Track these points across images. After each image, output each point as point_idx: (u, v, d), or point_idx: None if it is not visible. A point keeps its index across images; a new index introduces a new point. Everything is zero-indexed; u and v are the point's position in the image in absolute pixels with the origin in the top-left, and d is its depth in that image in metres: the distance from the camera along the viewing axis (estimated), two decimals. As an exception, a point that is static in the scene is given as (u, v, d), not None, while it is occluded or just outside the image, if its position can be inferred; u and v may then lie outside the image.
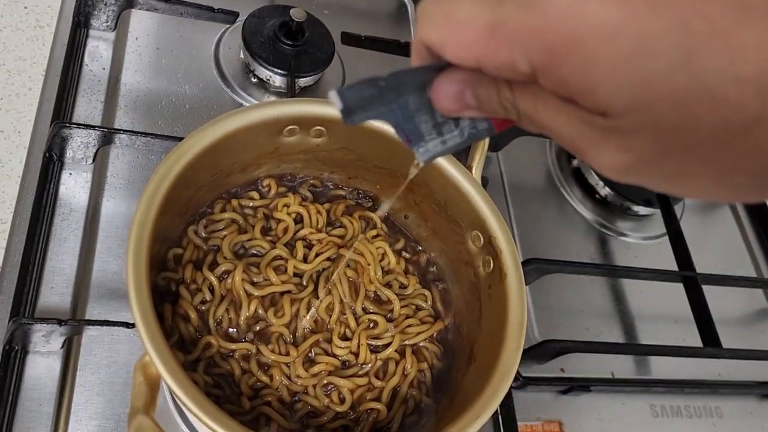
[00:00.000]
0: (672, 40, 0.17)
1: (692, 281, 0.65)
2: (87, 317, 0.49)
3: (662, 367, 0.66)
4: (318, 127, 0.46)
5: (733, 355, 0.62)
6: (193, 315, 0.42)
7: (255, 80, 0.66)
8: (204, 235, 0.46)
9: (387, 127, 0.45)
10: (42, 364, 0.47)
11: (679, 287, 0.69)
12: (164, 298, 0.43)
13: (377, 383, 0.44)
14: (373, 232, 0.50)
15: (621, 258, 0.73)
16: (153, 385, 0.34)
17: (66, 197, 0.53)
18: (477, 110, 0.25)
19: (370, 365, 0.45)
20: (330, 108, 0.45)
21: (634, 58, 0.18)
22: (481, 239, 0.46)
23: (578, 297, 0.68)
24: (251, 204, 0.48)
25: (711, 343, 0.62)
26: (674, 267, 0.70)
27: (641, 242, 0.75)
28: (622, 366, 0.65)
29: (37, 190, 0.52)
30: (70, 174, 0.55)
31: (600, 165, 0.21)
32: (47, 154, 0.53)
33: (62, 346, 0.47)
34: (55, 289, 0.50)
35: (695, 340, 0.66)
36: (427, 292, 0.49)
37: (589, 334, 0.65)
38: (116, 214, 0.54)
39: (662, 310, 0.71)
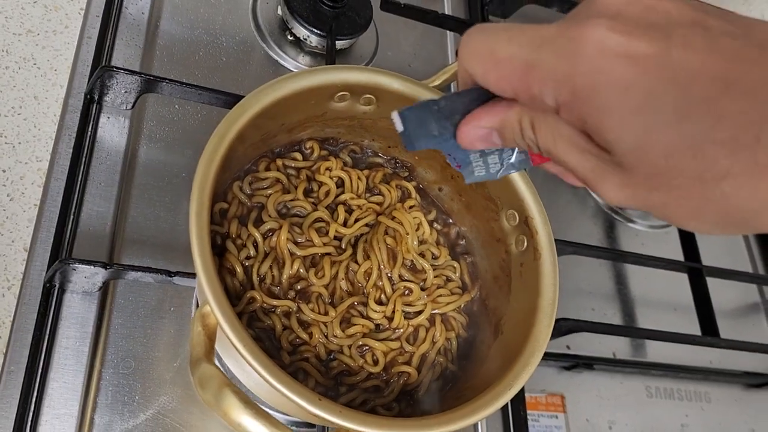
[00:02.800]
0: (670, 102, 0.21)
1: (697, 272, 0.68)
2: (122, 263, 0.49)
3: (659, 352, 0.69)
4: (368, 95, 0.47)
5: (729, 345, 0.65)
6: (239, 269, 0.43)
7: (291, 38, 0.66)
8: (249, 191, 0.47)
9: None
10: (78, 305, 0.48)
11: (681, 276, 0.72)
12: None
13: (408, 348, 0.46)
14: (411, 202, 0.51)
15: (627, 244, 0.76)
16: (211, 335, 0.35)
17: (103, 141, 0.54)
18: (502, 146, 0.30)
19: (402, 330, 0.46)
20: (383, 77, 0.45)
21: (639, 111, 0.22)
22: (517, 218, 0.48)
23: (586, 278, 0.71)
24: (294, 165, 0.49)
25: (710, 333, 0.65)
26: (678, 256, 0.72)
27: (648, 230, 0.77)
28: (622, 347, 0.68)
29: (77, 131, 0.52)
30: (108, 118, 0.55)
31: (605, 195, 0.25)
32: (88, 96, 0.53)
33: (99, 289, 0.48)
34: (93, 231, 0.50)
35: (692, 328, 0.69)
36: (456, 264, 0.51)
37: (595, 314, 0.68)
38: (152, 162, 0.55)
39: (663, 297, 0.74)
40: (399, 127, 0.31)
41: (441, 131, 0.30)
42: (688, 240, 0.71)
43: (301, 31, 0.64)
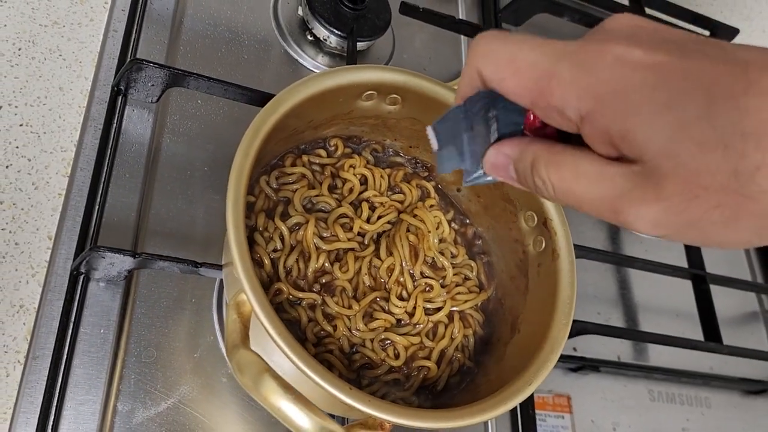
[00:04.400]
0: (697, 98, 0.22)
1: (701, 279, 0.70)
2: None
3: (661, 356, 0.71)
4: (395, 95, 0.48)
5: (732, 352, 0.67)
6: (267, 261, 0.44)
7: (311, 38, 0.67)
8: (275, 186, 0.48)
9: (458, 103, 0.48)
10: (103, 294, 0.48)
11: (684, 283, 0.73)
12: (238, 243, 0.44)
13: (428, 343, 0.47)
14: (431, 201, 0.52)
15: (631, 249, 0.77)
16: (246, 323, 0.36)
17: (128, 133, 0.54)
18: (517, 183, 0.29)
19: (422, 326, 0.47)
20: (411, 78, 0.47)
21: (669, 106, 0.22)
22: (535, 219, 0.49)
23: (592, 283, 0.72)
24: (319, 161, 0.50)
25: (713, 339, 0.66)
26: (682, 263, 0.74)
27: (652, 237, 0.79)
28: (626, 351, 0.69)
29: (104, 122, 0.53)
30: (133, 110, 0.55)
31: (638, 220, 0.24)
32: (115, 88, 0.54)
33: (124, 278, 0.49)
34: (117, 222, 0.51)
35: (693, 334, 0.71)
36: (473, 263, 0.52)
37: (600, 318, 0.69)
38: (175, 156, 0.55)
39: (666, 303, 0.75)
40: (434, 144, 0.31)
41: (465, 146, 0.31)
42: (692, 247, 0.73)
43: (322, 32, 0.65)
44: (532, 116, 0.29)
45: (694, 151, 0.22)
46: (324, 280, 0.46)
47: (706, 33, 0.97)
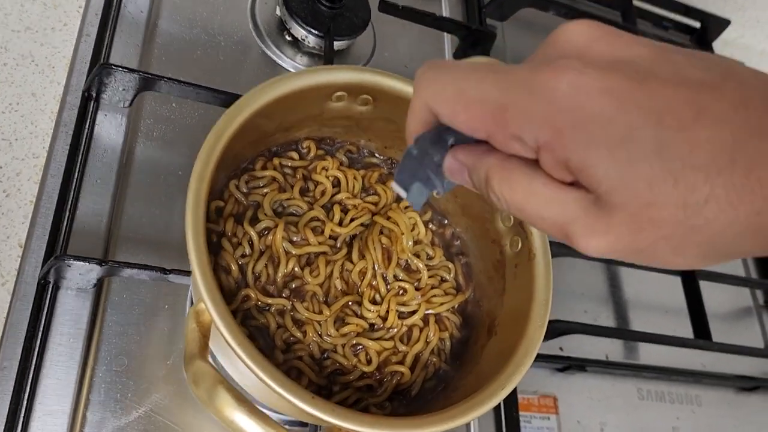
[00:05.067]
0: (649, 132, 0.22)
1: (690, 276, 0.68)
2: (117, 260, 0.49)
3: (651, 354, 0.69)
4: (366, 96, 0.47)
5: (721, 349, 0.66)
6: (234, 267, 0.43)
7: (289, 38, 0.66)
8: (245, 190, 0.47)
9: (431, 102, 0.47)
10: (72, 302, 0.48)
11: (674, 280, 0.72)
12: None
13: (402, 347, 0.46)
14: (406, 203, 0.51)
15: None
16: (205, 332, 0.36)
17: (100, 138, 0.54)
18: (474, 189, 0.29)
19: (396, 330, 0.47)
20: (380, 78, 0.46)
21: (623, 142, 0.22)
22: (511, 219, 0.48)
23: (579, 281, 0.71)
24: (290, 164, 0.49)
25: (702, 336, 0.65)
26: (672, 261, 0.73)
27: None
28: (615, 350, 0.68)
29: (74, 128, 0.52)
30: (105, 116, 0.55)
31: (586, 247, 0.24)
32: (86, 93, 0.53)
33: (94, 286, 0.48)
34: (88, 228, 0.50)
35: (684, 331, 0.69)
36: (450, 265, 0.51)
37: (588, 316, 0.68)
38: (149, 161, 0.55)
39: (655, 300, 0.74)
40: (402, 194, 0.31)
41: (430, 168, 0.30)
42: (681, 244, 0.71)
43: (299, 32, 0.64)
44: None
45: (645, 186, 0.22)
46: (294, 285, 0.45)
47: (697, 24, 0.96)
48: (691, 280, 0.69)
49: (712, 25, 0.94)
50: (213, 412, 0.31)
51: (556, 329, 0.59)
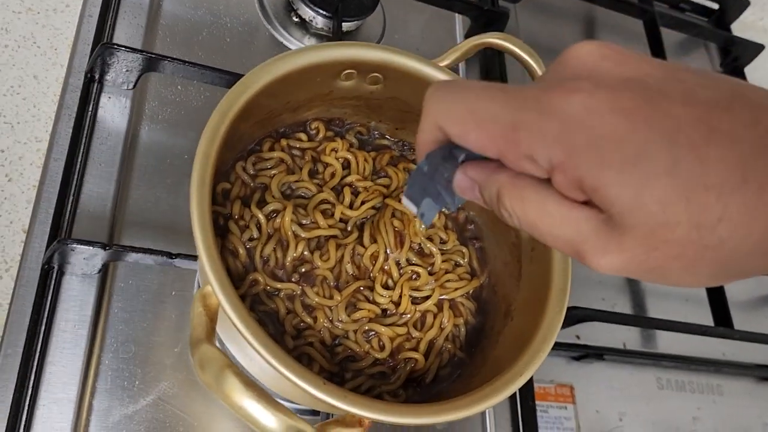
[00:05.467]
0: (662, 152, 0.22)
1: (710, 262, 0.66)
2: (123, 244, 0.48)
3: (670, 343, 0.68)
4: (375, 74, 0.45)
5: (743, 337, 0.64)
6: (241, 251, 0.42)
7: (296, 19, 0.64)
8: (252, 172, 0.46)
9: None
10: (77, 288, 0.47)
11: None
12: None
13: (415, 333, 0.45)
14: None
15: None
16: (212, 316, 0.34)
17: (104, 121, 0.52)
18: (485, 206, 0.29)
19: (409, 315, 0.45)
20: (391, 55, 0.44)
21: (635, 162, 0.22)
22: (528, 202, 0.46)
23: (596, 267, 0.69)
24: (299, 145, 0.48)
25: (723, 324, 0.63)
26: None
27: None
28: (633, 338, 0.66)
29: (77, 110, 0.51)
30: (109, 98, 0.53)
31: (599, 266, 0.24)
32: (88, 75, 0.52)
33: (99, 271, 0.47)
34: (92, 213, 0.49)
35: (703, 319, 0.68)
36: (464, 249, 0.50)
37: (605, 304, 0.67)
38: (154, 143, 0.53)
39: (673, 288, 0.72)
40: (413, 210, 0.32)
41: (440, 183, 0.30)
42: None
43: (307, 12, 0.62)
44: None
45: (657, 206, 0.22)
46: (303, 270, 0.43)
47: (715, 6, 0.93)
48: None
49: (731, 7, 0.91)
50: (221, 398, 0.30)
51: (574, 316, 0.57)
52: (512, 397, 0.56)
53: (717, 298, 0.65)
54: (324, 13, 0.62)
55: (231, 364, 0.31)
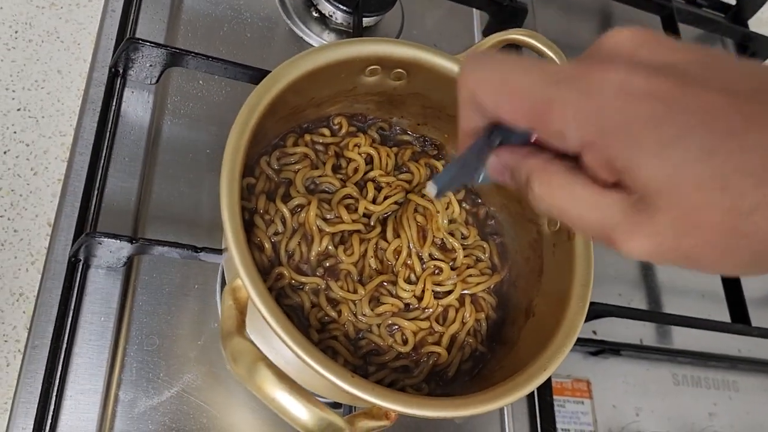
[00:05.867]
0: (699, 134, 0.21)
1: (728, 259, 0.66)
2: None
3: (686, 339, 0.68)
4: (399, 70, 0.45)
5: (761, 334, 0.64)
6: (267, 245, 0.42)
7: (316, 15, 0.64)
8: (276, 166, 0.46)
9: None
10: (103, 281, 0.47)
11: (709, 263, 0.70)
12: (238, 226, 0.43)
13: (437, 328, 0.45)
14: (440, 181, 0.49)
15: (654, 229, 0.74)
16: (242, 309, 0.35)
17: (128, 115, 0.53)
18: (512, 185, 0.29)
19: (431, 310, 0.45)
20: (415, 51, 0.44)
21: (671, 144, 0.22)
22: (550, 198, 0.46)
23: (613, 263, 0.69)
24: (322, 140, 0.48)
25: (740, 320, 0.63)
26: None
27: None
28: (649, 334, 0.66)
29: (102, 105, 0.51)
30: (132, 92, 0.54)
31: (629, 250, 0.24)
32: (112, 69, 0.52)
33: (124, 264, 0.48)
34: (117, 206, 0.49)
35: (720, 315, 0.68)
36: (485, 244, 0.50)
37: (622, 300, 0.67)
38: (176, 138, 0.54)
39: (690, 283, 0.72)
40: (432, 192, 0.30)
41: (465, 175, 0.30)
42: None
43: (327, 8, 0.63)
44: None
45: (693, 189, 0.21)
46: (328, 264, 0.44)
47: (732, 2, 0.93)
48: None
49: (748, 3, 0.91)
50: (253, 390, 0.31)
51: (592, 311, 0.57)
52: (530, 392, 0.57)
53: (734, 294, 0.65)
54: (344, 8, 0.62)
55: (263, 356, 0.31)
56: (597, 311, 0.58)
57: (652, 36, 0.24)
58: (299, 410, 0.30)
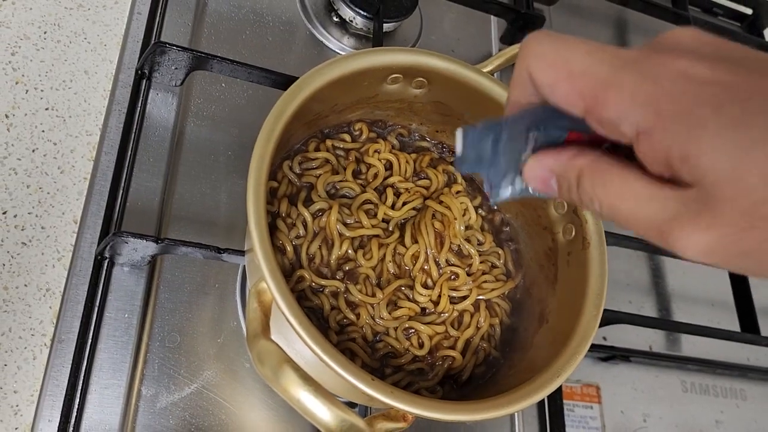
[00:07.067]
0: (763, 117, 0.20)
1: (738, 268, 0.67)
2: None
3: (695, 346, 0.69)
4: (420, 78, 0.47)
5: (770, 343, 0.65)
6: (289, 248, 0.43)
7: (336, 19, 0.65)
8: (298, 171, 0.47)
9: (486, 87, 0.46)
10: (127, 278, 0.48)
11: (719, 272, 0.71)
12: (261, 229, 0.44)
13: (453, 332, 0.46)
14: (458, 187, 0.50)
15: (665, 237, 0.75)
16: (266, 311, 0.36)
17: (153, 117, 0.54)
18: (559, 197, 0.28)
19: (447, 314, 0.46)
20: (438, 61, 0.45)
21: (735, 127, 0.21)
22: (565, 207, 0.47)
23: (624, 271, 0.70)
24: (343, 146, 0.49)
25: (750, 329, 0.64)
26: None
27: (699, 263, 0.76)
28: (659, 341, 0.67)
29: (128, 105, 0.52)
30: (158, 94, 0.55)
31: (685, 245, 0.22)
32: (139, 72, 0.53)
33: (148, 263, 0.49)
34: (141, 206, 0.51)
35: (729, 324, 0.68)
36: (500, 251, 0.51)
37: (632, 307, 0.68)
38: (199, 140, 0.55)
39: (700, 292, 0.73)
40: (458, 148, 0.30)
41: (493, 158, 0.29)
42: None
43: (348, 13, 0.64)
44: (573, 136, 0.27)
45: (758, 179, 0.20)
46: (347, 268, 0.45)
47: (749, 11, 0.93)
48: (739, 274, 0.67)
49: (764, 12, 0.91)
50: (279, 391, 0.32)
51: (603, 318, 0.57)
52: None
53: (744, 303, 0.66)
54: (364, 14, 0.63)
55: (289, 358, 0.32)
56: (608, 318, 0.58)
57: (712, 36, 0.24)
58: (322, 411, 0.32)
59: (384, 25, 0.64)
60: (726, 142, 0.21)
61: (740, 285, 0.67)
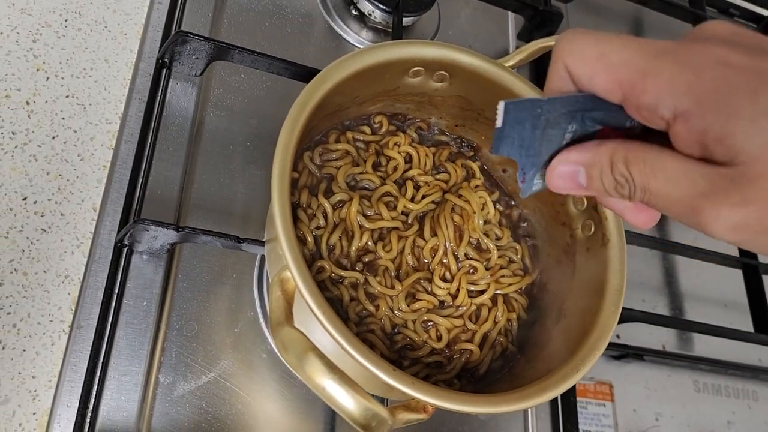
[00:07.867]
0: None
1: (753, 269, 0.67)
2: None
3: (708, 346, 0.68)
4: (442, 72, 0.46)
5: (783, 345, 0.65)
6: (310, 238, 0.43)
7: (355, 13, 0.65)
8: (318, 162, 0.47)
9: (508, 82, 0.46)
10: (145, 266, 0.49)
11: (732, 272, 0.71)
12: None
13: (470, 326, 0.46)
14: (476, 182, 0.51)
15: (679, 236, 0.75)
16: (290, 299, 0.36)
17: (172, 106, 0.54)
18: (585, 190, 0.29)
19: (465, 308, 0.46)
20: (460, 54, 0.45)
21: None
22: (585, 203, 0.47)
23: (637, 270, 0.70)
24: (363, 138, 0.49)
25: (764, 330, 0.64)
26: (732, 251, 0.71)
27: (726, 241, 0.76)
28: (672, 340, 0.67)
29: (148, 95, 0.52)
30: (178, 83, 0.55)
31: (717, 222, 0.23)
32: (160, 61, 0.54)
33: (167, 251, 0.49)
34: (161, 195, 0.51)
35: (742, 325, 0.68)
36: (518, 246, 0.51)
37: (645, 306, 0.68)
38: (218, 130, 0.55)
39: (713, 292, 0.73)
40: (499, 121, 0.29)
41: (531, 143, 0.30)
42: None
43: (366, 6, 0.64)
44: (606, 132, 0.28)
45: None
46: (367, 259, 0.45)
47: (766, 13, 0.93)
48: (753, 273, 0.67)
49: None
50: (303, 378, 0.32)
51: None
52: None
53: (758, 304, 0.66)
54: (383, 7, 0.63)
55: (313, 346, 0.32)
56: (623, 316, 0.58)
57: (745, 30, 0.25)
58: (347, 400, 0.32)
59: (403, 19, 0.64)
60: (759, 126, 0.22)
61: (754, 285, 0.67)
